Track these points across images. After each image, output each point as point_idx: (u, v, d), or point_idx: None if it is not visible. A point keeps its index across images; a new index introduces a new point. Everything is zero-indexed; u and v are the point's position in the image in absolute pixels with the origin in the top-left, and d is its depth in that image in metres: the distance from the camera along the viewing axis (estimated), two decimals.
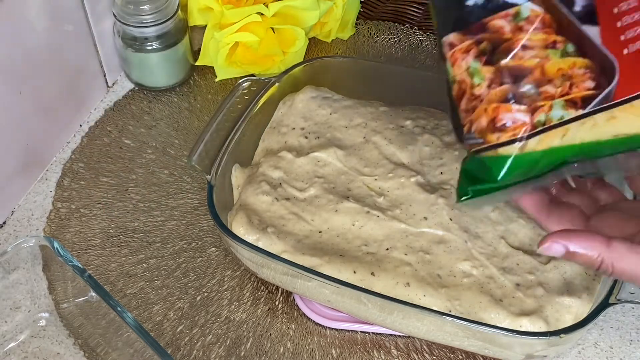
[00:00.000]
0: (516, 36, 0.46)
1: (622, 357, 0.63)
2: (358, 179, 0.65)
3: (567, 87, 0.47)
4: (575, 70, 0.47)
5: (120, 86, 0.83)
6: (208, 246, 0.70)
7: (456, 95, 0.49)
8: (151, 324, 0.65)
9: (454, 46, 0.49)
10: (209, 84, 0.83)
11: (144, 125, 0.80)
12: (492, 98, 0.47)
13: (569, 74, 0.47)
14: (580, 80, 0.47)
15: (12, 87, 0.68)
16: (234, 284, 0.68)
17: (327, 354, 0.64)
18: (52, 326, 0.64)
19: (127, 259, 0.69)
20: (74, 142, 0.78)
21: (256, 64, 0.80)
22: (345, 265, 0.59)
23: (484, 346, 0.57)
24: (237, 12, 0.76)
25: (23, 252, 0.61)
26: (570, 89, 0.47)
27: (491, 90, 0.47)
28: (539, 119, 0.47)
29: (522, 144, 0.47)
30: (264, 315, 0.66)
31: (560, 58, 0.46)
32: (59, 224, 0.71)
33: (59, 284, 0.63)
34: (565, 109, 0.46)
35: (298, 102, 0.71)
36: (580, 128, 0.47)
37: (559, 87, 0.46)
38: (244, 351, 0.64)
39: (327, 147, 0.68)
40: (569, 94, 0.47)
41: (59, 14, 0.71)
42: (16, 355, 0.63)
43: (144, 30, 0.76)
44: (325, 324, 0.65)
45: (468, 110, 0.49)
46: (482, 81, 0.48)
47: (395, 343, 0.64)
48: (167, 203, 0.73)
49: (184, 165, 0.76)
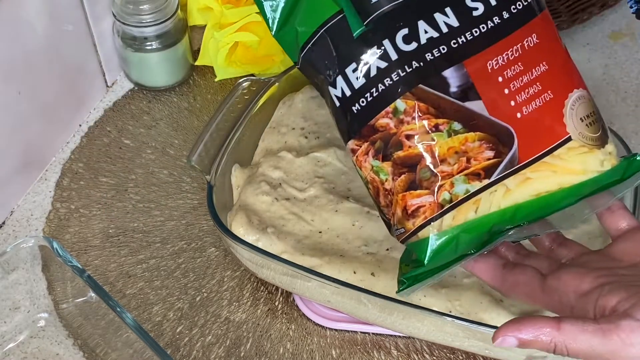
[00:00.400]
0: (400, 129, 0.49)
1: None
2: (358, 179, 0.65)
3: (464, 162, 0.48)
4: (468, 145, 0.48)
5: (119, 86, 0.83)
6: (208, 246, 0.70)
7: (374, 194, 0.52)
8: (151, 325, 0.65)
9: (355, 151, 0.52)
10: (208, 83, 0.83)
11: (143, 125, 0.79)
12: (398, 189, 0.50)
13: (462, 149, 0.48)
14: (477, 152, 0.48)
15: (12, 87, 0.68)
16: (234, 284, 0.68)
17: (327, 355, 0.64)
18: (51, 326, 0.64)
19: (126, 259, 0.69)
20: (73, 142, 0.78)
21: (256, 64, 0.80)
22: (345, 265, 0.59)
23: (485, 347, 0.57)
24: (236, 11, 0.76)
25: (22, 253, 0.61)
26: (468, 163, 0.48)
27: (395, 182, 0.50)
28: (444, 197, 0.48)
29: (437, 223, 0.49)
30: (263, 316, 0.66)
31: (449, 138, 0.48)
32: (58, 224, 0.71)
33: (59, 284, 0.63)
34: (468, 182, 0.48)
35: (298, 102, 0.71)
36: (493, 196, 0.49)
37: (454, 165, 0.48)
38: (244, 352, 0.64)
39: (327, 147, 0.67)
40: (468, 168, 0.48)
41: (58, 14, 0.71)
42: (15, 355, 0.63)
43: (143, 30, 0.76)
44: (325, 325, 0.65)
45: (387, 205, 0.51)
46: (387, 176, 0.50)
47: (395, 343, 0.64)
48: (167, 203, 0.73)
49: (184, 165, 0.76)
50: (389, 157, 0.50)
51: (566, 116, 0.50)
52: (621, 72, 0.84)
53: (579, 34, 0.88)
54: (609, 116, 0.79)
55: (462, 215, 0.49)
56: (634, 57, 0.85)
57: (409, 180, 0.49)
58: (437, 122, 0.49)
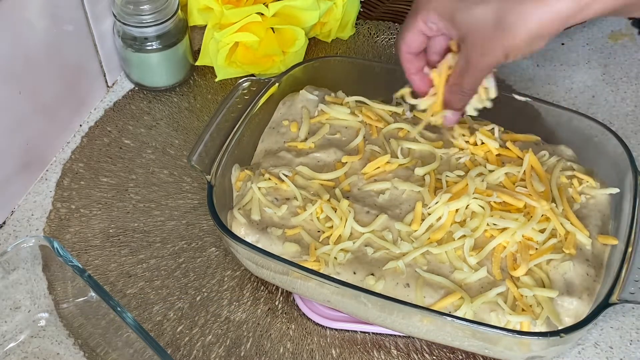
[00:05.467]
0: None
1: (622, 357, 0.63)
2: (358, 179, 0.65)
3: None
4: None
5: (120, 86, 0.83)
6: (208, 246, 0.70)
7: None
8: (151, 324, 0.65)
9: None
10: (208, 84, 0.83)
11: (143, 125, 0.80)
12: None
13: None
14: None
15: (12, 87, 0.68)
16: (234, 284, 0.68)
17: (327, 354, 0.64)
18: (52, 326, 0.64)
19: (127, 259, 0.69)
20: (73, 142, 0.78)
21: (256, 64, 0.80)
22: (346, 265, 0.59)
23: (484, 346, 0.57)
24: (237, 12, 0.76)
25: (23, 252, 0.61)
26: None
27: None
28: None
29: None
30: (263, 316, 0.66)
31: None
32: (58, 224, 0.71)
33: (59, 284, 0.63)
34: None
35: (298, 102, 0.71)
36: None
37: None
38: (244, 351, 0.64)
39: (327, 147, 0.68)
40: None
41: (58, 14, 0.71)
42: (16, 355, 0.63)
43: (143, 30, 0.76)
44: (325, 324, 0.65)
45: None
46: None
47: (395, 343, 0.64)
48: (167, 203, 0.73)
49: (184, 165, 0.76)
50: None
51: None
52: (621, 72, 0.84)
53: (579, 34, 0.88)
54: (609, 116, 0.79)
55: None
56: (634, 57, 0.85)
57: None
58: None
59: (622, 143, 0.64)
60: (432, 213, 0.61)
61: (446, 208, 0.61)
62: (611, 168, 0.65)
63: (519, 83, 0.83)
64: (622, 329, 0.65)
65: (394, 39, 0.87)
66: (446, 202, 0.61)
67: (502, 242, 0.60)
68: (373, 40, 0.87)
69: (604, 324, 0.65)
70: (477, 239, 0.60)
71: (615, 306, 0.56)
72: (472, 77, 0.57)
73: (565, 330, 0.54)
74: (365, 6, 0.91)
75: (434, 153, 0.67)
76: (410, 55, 0.61)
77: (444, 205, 0.61)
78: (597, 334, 0.65)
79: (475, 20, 0.54)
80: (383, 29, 0.88)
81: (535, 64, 0.85)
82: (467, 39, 0.55)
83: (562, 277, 0.58)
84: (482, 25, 0.53)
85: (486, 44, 0.54)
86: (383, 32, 0.88)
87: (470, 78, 0.57)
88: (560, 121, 0.68)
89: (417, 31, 0.59)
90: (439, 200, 0.61)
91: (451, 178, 0.64)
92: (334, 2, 0.81)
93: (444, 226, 0.61)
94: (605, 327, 0.65)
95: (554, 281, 0.58)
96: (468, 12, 0.54)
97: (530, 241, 0.60)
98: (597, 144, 0.66)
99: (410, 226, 0.61)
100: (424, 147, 0.67)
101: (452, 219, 0.61)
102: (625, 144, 0.64)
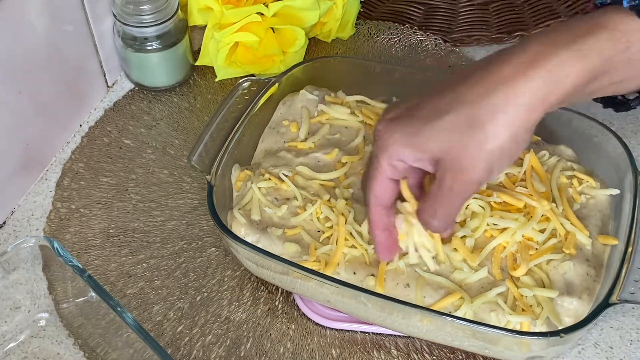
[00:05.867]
0: None
1: (622, 357, 0.63)
2: (358, 179, 0.65)
3: None
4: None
5: (120, 86, 0.83)
6: (208, 246, 0.70)
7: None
8: (151, 324, 0.65)
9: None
10: (208, 84, 0.83)
11: (144, 125, 0.80)
12: None
13: None
14: None
15: (12, 87, 0.68)
16: (234, 284, 0.68)
17: (327, 354, 0.64)
18: (52, 326, 0.64)
19: (127, 259, 0.69)
20: (73, 142, 0.78)
21: (256, 64, 0.80)
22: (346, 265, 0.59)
23: (484, 346, 0.57)
24: (237, 12, 0.76)
25: (23, 252, 0.61)
26: None
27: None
28: None
29: None
30: (263, 316, 0.66)
31: None
32: (59, 224, 0.71)
33: (59, 284, 0.63)
34: None
35: (298, 102, 0.71)
36: None
37: None
38: (244, 351, 0.64)
39: (327, 147, 0.68)
40: None
41: (59, 14, 0.71)
42: (16, 355, 0.63)
43: (143, 30, 0.76)
44: (325, 324, 0.65)
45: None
46: None
47: (395, 343, 0.64)
48: (167, 203, 0.73)
49: (184, 165, 0.76)
50: None
51: None
52: None
53: None
54: (608, 116, 0.79)
55: None
56: None
57: None
58: None
59: (622, 143, 0.64)
60: None
61: None
62: (611, 168, 0.65)
63: None
64: (622, 329, 0.65)
65: (394, 39, 0.87)
66: None
67: (502, 242, 0.60)
68: (373, 40, 0.87)
69: (604, 324, 0.65)
70: (477, 239, 0.60)
71: (615, 306, 0.56)
72: (449, 203, 0.50)
73: (565, 330, 0.54)
74: (365, 6, 0.91)
75: None
76: (380, 208, 0.54)
77: None
78: (597, 334, 0.65)
79: (443, 138, 0.48)
80: (383, 29, 0.88)
81: None
82: (440, 163, 0.49)
83: (562, 277, 0.58)
84: (454, 135, 0.47)
85: (464, 156, 0.47)
86: (383, 32, 0.88)
87: (448, 204, 0.50)
88: (560, 121, 0.68)
89: (384, 178, 0.53)
90: None
91: None
92: (334, 2, 0.81)
93: None
94: (605, 327, 0.65)
95: (554, 281, 0.58)
96: (433, 131, 0.48)
97: (530, 241, 0.60)
98: (597, 144, 0.66)
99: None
100: None
101: None
102: (625, 144, 0.64)
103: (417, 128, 0.49)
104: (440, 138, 0.48)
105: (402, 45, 0.87)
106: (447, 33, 0.88)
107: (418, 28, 0.88)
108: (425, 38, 0.87)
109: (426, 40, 0.87)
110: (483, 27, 0.88)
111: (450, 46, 0.86)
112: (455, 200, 0.51)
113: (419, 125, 0.49)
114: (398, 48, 0.86)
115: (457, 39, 0.87)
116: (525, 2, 0.90)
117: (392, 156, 0.51)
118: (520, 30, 0.86)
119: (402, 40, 0.87)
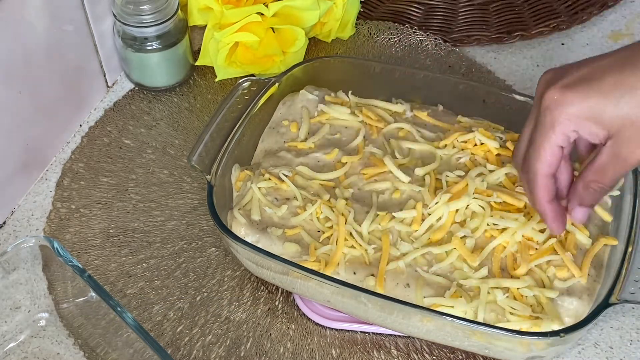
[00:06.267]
0: None
1: (622, 357, 0.63)
2: (358, 179, 0.65)
3: None
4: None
5: (120, 86, 0.83)
6: (208, 246, 0.70)
7: None
8: (151, 324, 0.65)
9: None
10: (209, 84, 0.83)
11: (144, 125, 0.80)
12: None
13: None
14: None
15: (12, 87, 0.68)
16: (234, 284, 0.68)
17: (327, 354, 0.64)
18: (52, 326, 0.64)
19: (127, 259, 0.69)
20: (73, 142, 0.78)
21: (256, 64, 0.80)
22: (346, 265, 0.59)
23: (484, 346, 0.57)
24: (237, 12, 0.76)
25: (23, 252, 0.61)
26: None
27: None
28: None
29: None
30: (263, 315, 0.66)
31: None
32: (58, 224, 0.71)
33: (59, 284, 0.63)
34: None
35: (298, 102, 0.71)
36: None
37: None
38: (244, 351, 0.64)
39: (327, 147, 0.68)
40: None
41: (59, 14, 0.71)
42: (16, 355, 0.63)
43: (144, 30, 0.76)
44: (325, 324, 0.65)
45: None
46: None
47: (395, 343, 0.64)
48: (167, 203, 0.73)
49: (184, 165, 0.76)
50: None
51: None
52: None
53: (579, 34, 0.88)
54: None
55: None
56: None
57: None
58: None
59: None
60: (433, 213, 0.61)
61: (446, 208, 0.61)
62: None
63: (519, 83, 0.83)
64: (622, 329, 0.65)
65: (394, 39, 0.87)
66: (446, 202, 0.61)
67: (503, 242, 0.60)
68: (373, 40, 0.87)
69: (604, 324, 0.65)
70: (477, 239, 0.60)
71: (615, 306, 0.56)
72: (618, 172, 0.53)
73: (565, 330, 0.54)
74: (365, 6, 0.91)
75: (434, 153, 0.67)
76: (548, 178, 0.55)
77: (444, 205, 0.61)
78: (597, 334, 0.65)
79: (628, 112, 0.49)
80: (383, 29, 0.88)
81: (535, 64, 0.85)
82: (619, 134, 0.51)
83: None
84: (636, 115, 0.49)
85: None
86: (383, 32, 0.88)
87: (616, 174, 0.53)
88: None
89: (555, 146, 0.53)
90: (439, 200, 0.61)
91: (451, 178, 0.64)
92: (334, 2, 0.81)
93: (444, 226, 0.61)
94: (605, 327, 0.65)
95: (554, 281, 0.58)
96: (617, 106, 0.50)
97: (531, 241, 0.60)
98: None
99: (411, 226, 0.61)
100: (424, 147, 0.67)
101: (452, 219, 0.61)
102: None
103: (601, 103, 0.50)
104: (625, 114, 0.50)
105: (402, 45, 0.87)
106: (447, 33, 0.88)
107: (418, 28, 0.88)
108: (425, 38, 0.87)
109: (426, 40, 0.87)
110: (483, 27, 0.88)
111: (450, 46, 0.86)
112: (627, 168, 0.52)
113: (602, 100, 0.50)
114: (398, 48, 0.86)
115: (457, 39, 0.87)
116: (525, 2, 0.90)
117: (570, 126, 0.52)
118: (520, 30, 0.86)
119: (402, 40, 0.87)
